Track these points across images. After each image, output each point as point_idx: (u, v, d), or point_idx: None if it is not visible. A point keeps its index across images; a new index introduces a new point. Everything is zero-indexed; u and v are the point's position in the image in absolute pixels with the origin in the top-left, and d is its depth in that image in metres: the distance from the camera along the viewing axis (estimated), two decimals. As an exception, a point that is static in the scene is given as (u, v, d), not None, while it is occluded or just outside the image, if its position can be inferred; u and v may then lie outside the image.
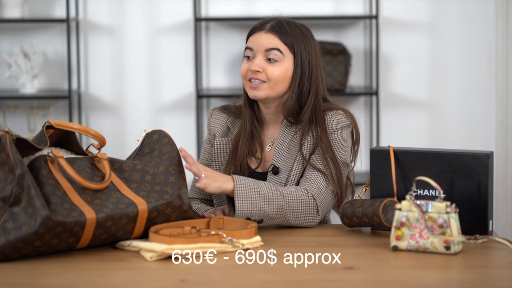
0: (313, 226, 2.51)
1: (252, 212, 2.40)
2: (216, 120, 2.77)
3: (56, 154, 2.22)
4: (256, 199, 2.41)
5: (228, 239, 2.23)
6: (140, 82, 4.64)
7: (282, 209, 2.44)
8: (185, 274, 2.07)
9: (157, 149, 2.36)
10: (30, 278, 2.04)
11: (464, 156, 2.35)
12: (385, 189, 2.43)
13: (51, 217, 2.10)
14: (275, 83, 2.60)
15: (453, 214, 2.19)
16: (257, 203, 2.41)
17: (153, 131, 2.41)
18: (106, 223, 2.18)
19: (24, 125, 4.60)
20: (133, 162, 2.32)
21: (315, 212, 2.50)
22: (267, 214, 2.43)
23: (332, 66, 4.47)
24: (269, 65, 2.61)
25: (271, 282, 2.00)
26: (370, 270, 2.10)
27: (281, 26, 2.64)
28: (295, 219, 2.48)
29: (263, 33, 2.64)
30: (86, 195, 2.21)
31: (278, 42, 2.62)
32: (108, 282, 2.02)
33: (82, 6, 4.59)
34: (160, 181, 2.29)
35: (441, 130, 4.65)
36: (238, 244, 2.23)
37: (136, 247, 2.21)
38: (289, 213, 2.46)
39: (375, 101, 4.53)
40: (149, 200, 2.25)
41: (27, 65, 4.49)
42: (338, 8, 4.62)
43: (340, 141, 2.61)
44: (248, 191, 2.42)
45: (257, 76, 2.60)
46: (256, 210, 2.41)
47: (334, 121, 2.61)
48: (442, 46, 4.61)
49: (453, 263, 2.13)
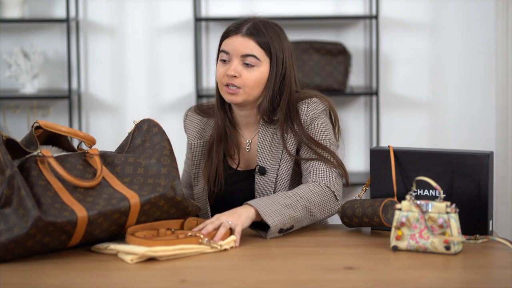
0: (336, 213, 2.52)
1: (283, 222, 2.39)
2: (191, 122, 2.75)
3: (45, 154, 2.21)
4: (281, 209, 2.40)
5: (205, 241, 2.23)
6: (140, 82, 4.64)
7: (307, 209, 2.45)
8: (185, 274, 2.07)
9: (149, 140, 2.36)
10: (30, 278, 2.04)
11: (464, 156, 2.35)
12: (385, 189, 2.43)
13: (42, 217, 2.10)
14: (251, 89, 2.59)
15: (453, 214, 2.19)
16: (284, 213, 2.40)
17: (142, 121, 2.40)
18: (98, 220, 2.18)
19: (24, 125, 4.60)
20: (125, 155, 2.31)
21: (334, 200, 2.51)
22: (296, 218, 2.42)
23: (332, 66, 4.47)
24: (246, 70, 2.59)
25: (271, 282, 2.00)
26: (370, 270, 2.10)
27: (258, 29, 2.62)
28: (321, 213, 2.49)
29: (240, 37, 2.61)
30: (77, 193, 2.20)
31: (255, 47, 2.60)
32: (108, 282, 2.02)
33: (82, 6, 4.59)
34: (153, 173, 2.29)
35: (441, 130, 4.65)
36: (216, 245, 2.23)
37: (114, 249, 2.19)
38: (315, 210, 2.46)
39: (375, 101, 4.53)
40: (141, 193, 2.25)
41: (27, 65, 4.49)
42: (338, 8, 4.62)
43: (322, 126, 2.61)
44: (270, 206, 2.40)
45: (233, 82, 2.58)
46: (287, 219, 2.39)
47: (311, 111, 2.60)
48: (442, 46, 4.61)
49: (453, 263, 2.13)
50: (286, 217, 2.39)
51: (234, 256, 2.22)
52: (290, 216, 2.40)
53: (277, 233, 2.39)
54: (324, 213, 2.49)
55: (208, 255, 2.22)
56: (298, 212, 2.42)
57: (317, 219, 2.49)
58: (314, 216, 2.47)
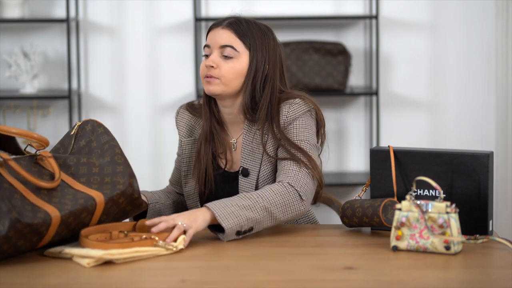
0: (303, 214, 2.47)
1: (240, 224, 2.35)
2: (181, 119, 2.75)
3: (4, 157, 2.18)
4: (238, 211, 2.36)
5: (160, 243, 2.22)
6: (140, 82, 4.64)
7: (267, 209, 2.40)
8: (185, 274, 2.07)
9: (95, 140, 2.35)
10: (30, 278, 2.04)
11: (464, 156, 2.35)
12: (385, 189, 2.43)
13: (19, 219, 2.09)
14: (229, 80, 2.58)
15: (453, 214, 2.19)
16: (241, 215, 2.36)
17: (85, 121, 2.38)
18: (68, 219, 2.18)
19: (24, 125, 4.60)
20: (76, 157, 2.30)
21: (298, 199, 2.44)
22: (254, 220, 2.38)
23: (332, 66, 4.47)
24: (224, 61, 2.59)
25: (271, 282, 2.00)
26: (370, 270, 2.10)
27: (239, 23, 2.63)
28: (283, 214, 2.43)
29: (220, 29, 2.63)
30: (42, 194, 2.19)
31: (234, 38, 2.60)
32: (108, 282, 2.02)
33: (82, 6, 4.59)
34: (108, 172, 2.29)
35: (441, 130, 4.65)
36: (171, 247, 2.22)
37: (68, 253, 2.17)
38: (275, 211, 2.41)
39: (375, 101, 4.53)
40: (104, 192, 2.25)
41: (27, 65, 4.49)
42: (338, 8, 4.62)
43: (301, 126, 2.57)
44: (227, 208, 2.36)
45: (211, 72, 2.58)
46: (243, 220, 2.36)
47: (291, 111, 2.57)
48: (442, 46, 4.61)
49: (453, 263, 2.13)
50: (243, 219, 2.35)
51: (234, 256, 2.22)
52: (248, 217, 2.36)
53: (235, 235, 2.35)
54: (286, 214, 2.43)
55: (208, 255, 2.22)
56: (257, 213, 2.38)
57: (280, 220, 2.43)
58: (275, 217, 2.42)
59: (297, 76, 4.45)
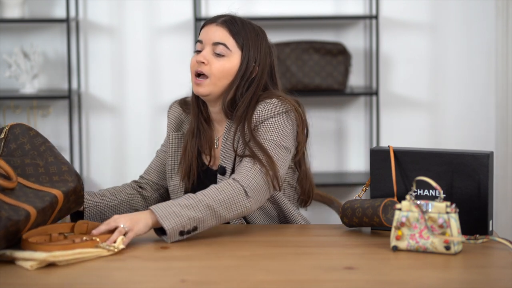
0: (251, 211, 2.42)
1: (182, 224, 2.32)
2: (173, 114, 2.75)
3: None
4: (180, 211, 2.33)
5: (102, 244, 2.22)
6: (140, 82, 4.64)
7: (210, 207, 2.36)
8: (185, 274, 2.07)
9: (28, 143, 2.35)
10: (30, 278, 2.04)
11: (464, 156, 2.35)
12: (385, 189, 2.43)
13: (10, 218, 2.11)
14: (218, 78, 2.57)
15: (453, 214, 2.19)
16: (182, 214, 2.33)
17: (14, 125, 2.38)
18: (38, 217, 2.20)
19: (24, 125, 4.60)
20: (20, 158, 2.31)
21: (243, 195, 2.40)
22: (197, 219, 2.34)
23: (332, 66, 4.47)
24: (216, 59, 2.58)
25: (271, 282, 2.00)
26: (370, 270, 2.10)
27: (233, 21, 2.62)
28: (228, 211, 2.39)
29: (214, 26, 2.62)
30: (10, 195, 2.19)
31: (227, 36, 2.59)
32: (108, 282, 2.02)
33: (82, 6, 4.59)
34: (54, 171, 2.30)
35: (441, 130, 4.65)
36: (113, 248, 2.22)
37: (10, 257, 2.15)
38: (219, 208, 2.37)
39: (375, 101, 4.53)
40: (61, 189, 2.27)
41: (27, 65, 4.49)
42: (338, 8, 4.62)
43: (271, 126, 2.53)
44: (169, 208, 2.33)
45: (202, 68, 2.57)
46: (185, 220, 2.33)
47: (265, 111, 2.54)
48: (442, 46, 4.61)
49: (453, 263, 2.13)
50: (185, 218, 2.32)
51: (234, 256, 2.22)
52: (190, 217, 2.33)
53: (178, 236, 2.33)
54: (231, 211, 2.39)
55: (208, 255, 2.22)
56: (199, 212, 2.34)
57: (225, 217, 2.39)
58: (220, 214, 2.38)
59: (297, 76, 4.45)
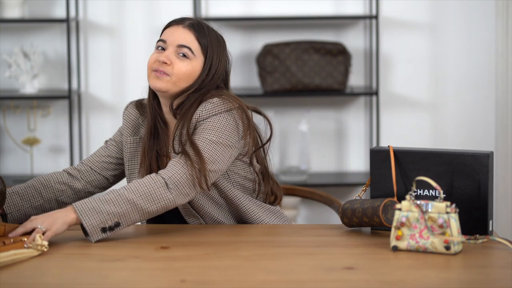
0: (174, 204, 2.39)
1: (102, 220, 2.30)
2: (128, 116, 2.72)
3: None
4: (99, 206, 2.31)
5: (31, 244, 2.22)
6: (140, 82, 4.64)
7: (131, 202, 2.34)
8: (185, 274, 2.07)
9: None
10: (30, 278, 2.04)
11: (464, 156, 2.35)
12: (385, 189, 2.43)
13: None
14: (179, 79, 2.55)
15: (453, 214, 2.19)
16: (102, 209, 2.31)
17: None
18: None
19: (24, 125, 4.60)
20: None
21: (163, 187, 2.37)
22: (118, 213, 2.32)
23: (332, 66, 4.46)
24: (178, 60, 2.56)
25: (271, 282, 2.00)
26: (370, 270, 2.10)
27: (200, 26, 2.61)
28: (150, 204, 2.36)
29: (181, 28, 2.60)
30: None
31: (193, 40, 2.58)
32: (108, 282, 2.02)
33: (82, 6, 4.59)
34: None
35: (441, 130, 4.65)
36: (40, 247, 2.22)
37: None
38: (140, 201, 2.35)
39: (375, 101, 4.53)
40: None
41: (27, 65, 4.49)
42: (338, 8, 4.62)
43: (209, 124, 2.49)
44: (89, 204, 2.31)
45: (163, 68, 2.55)
46: (105, 215, 2.31)
47: (205, 110, 2.51)
48: (442, 46, 4.61)
49: (453, 263, 2.13)
50: (105, 214, 2.31)
51: (234, 256, 2.22)
52: (110, 212, 2.31)
53: (101, 233, 2.31)
54: (153, 204, 2.36)
55: (208, 255, 2.22)
56: (119, 207, 2.32)
57: (148, 211, 2.36)
58: (142, 208, 2.35)
59: (297, 76, 4.45)
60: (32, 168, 4.55)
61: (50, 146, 4.64)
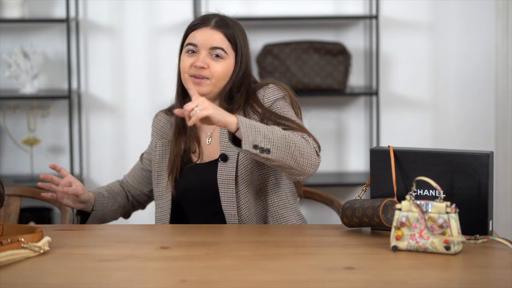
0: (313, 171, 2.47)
1: (258, 137, 2.35)
2: (157, 123, 2.77)
3: None
4: (259, 126, 2.37)
5: (27, 245, 2.21)
6: (140, 82, 4.64)
7: (286, 140, 2.41)
8: (185, 274, 2.07)
9: None
10: (30, 278, 2.04)
11: (464, 156, 2.35)
12: (385, 189, 2.43)
13: None
14: (218, 80, 2.60)
15: (453, 214, 2.19)
16: (261, 130, 2.36)
17: None
18: None
19: (24, 125, 4.60)
20: None
21: (314, 150, 2.48)
22: (273, 142, 2.37)
23: (332, 66, 4.46)
24: (214, 61, 2.61)
25: (271, 282, 2.00)
26: (370, 270, 2.10)
27: (225, 22, 2.66)
28: (301, 155, 2.43)
29: (209, 29, 2.65)
30: None
31: (223, 40, 2.63)
32: (108, 282, 2.02)
33: (82, 6, 4.59)
34: None
35: (441, 130, 4.65)
36: (37, 249, 2.22)
37: None
38: (293, 146, 2.42)
39: (375, 101, 4.53)
40: None
41: (27, 65, 4.49)
42: (338, 8, 4.62)
43: (282, 108, 2.61)
44: (250, 120, 2.38)
45: (201, 73, 2.60)
46: (261, 136, 2.35)
47: (268, 95, 2.61)
48: (442, 46, 4.61)
49: (453, 263, 2.13)
50: (262, 135, 2.35)
51: (234, 256, 2.22)
52: (267, 136, 2.36)
53: (252, 147, 2.35)
54: (303, 157, 2.43)
55: (208, 255, 2.22)
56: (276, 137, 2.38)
57: (295, 159, 2.42)
58: (293, 153, 2.41)
59: (297, 76, 4.45)
60: (32, 168, 4.55)
61: (50, 146, 4.64)
